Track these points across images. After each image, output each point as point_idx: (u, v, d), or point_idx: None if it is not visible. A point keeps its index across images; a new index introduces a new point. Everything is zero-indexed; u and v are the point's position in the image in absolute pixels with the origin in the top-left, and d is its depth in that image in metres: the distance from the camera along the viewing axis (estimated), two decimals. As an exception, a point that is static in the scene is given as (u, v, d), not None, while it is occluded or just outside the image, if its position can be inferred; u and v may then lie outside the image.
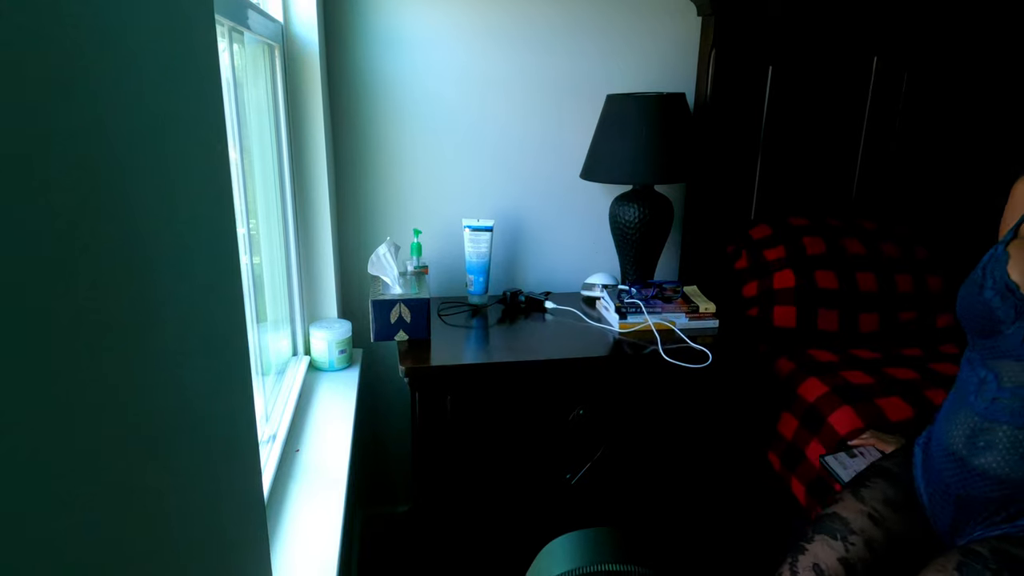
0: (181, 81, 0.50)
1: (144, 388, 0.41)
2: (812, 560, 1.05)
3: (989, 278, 0.98)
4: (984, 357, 0.98)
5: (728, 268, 1.85)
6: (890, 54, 1.82)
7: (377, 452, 1.93)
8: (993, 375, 0.96)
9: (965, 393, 1.01)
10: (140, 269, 0.41)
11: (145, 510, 0.42)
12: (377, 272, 1.51)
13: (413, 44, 1.69)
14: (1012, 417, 0.93)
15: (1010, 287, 0.94)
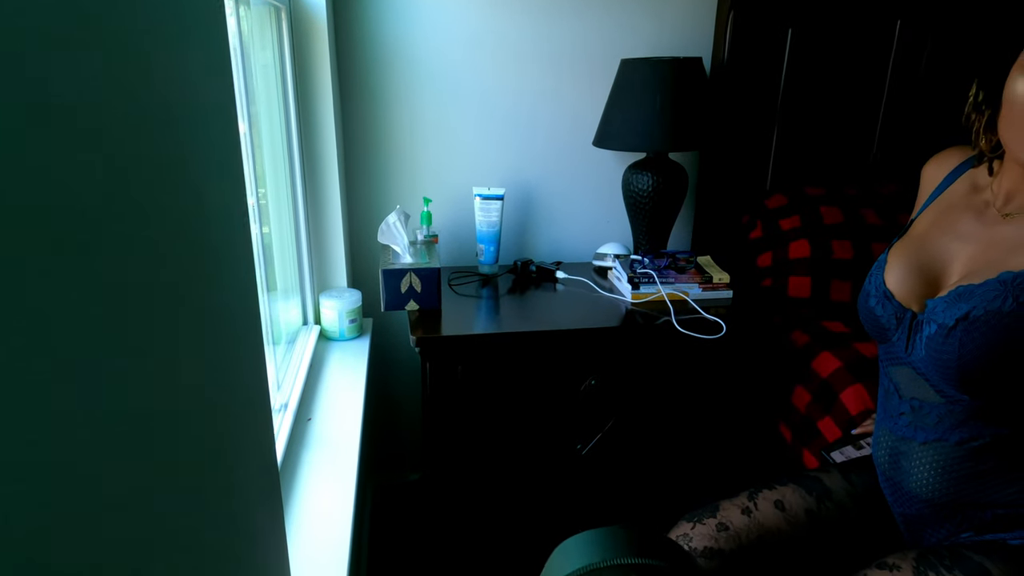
0: (188, 45, 0.48)
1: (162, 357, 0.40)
2: (777, 497, 1.01)
3: (872, 286, 0.95)
4: (885, 364, 0.96)
5: (743, 238, 1.82)
6: (914, 18, 1.76)
7: (388, 421, 1.94)
8: (894, 385, 0.93)
9: (882, 405, 0.98)
10: (151, 240, 0.40)
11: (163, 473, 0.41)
12: (387, 241, 1.50)
13: (423, 7, 1.65)
14: (917, 433, 0.89)
15: (887, 294, 0.91)
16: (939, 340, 0.84)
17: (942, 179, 0.98)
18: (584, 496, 1.58)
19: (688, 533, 1.01)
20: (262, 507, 0.66)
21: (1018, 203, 0.84)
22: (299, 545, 0.94)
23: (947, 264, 0.89)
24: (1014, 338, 0.78)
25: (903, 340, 0.91)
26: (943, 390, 0.86)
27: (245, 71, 1.10)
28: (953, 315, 0.83)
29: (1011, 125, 0.79)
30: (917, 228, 0.96)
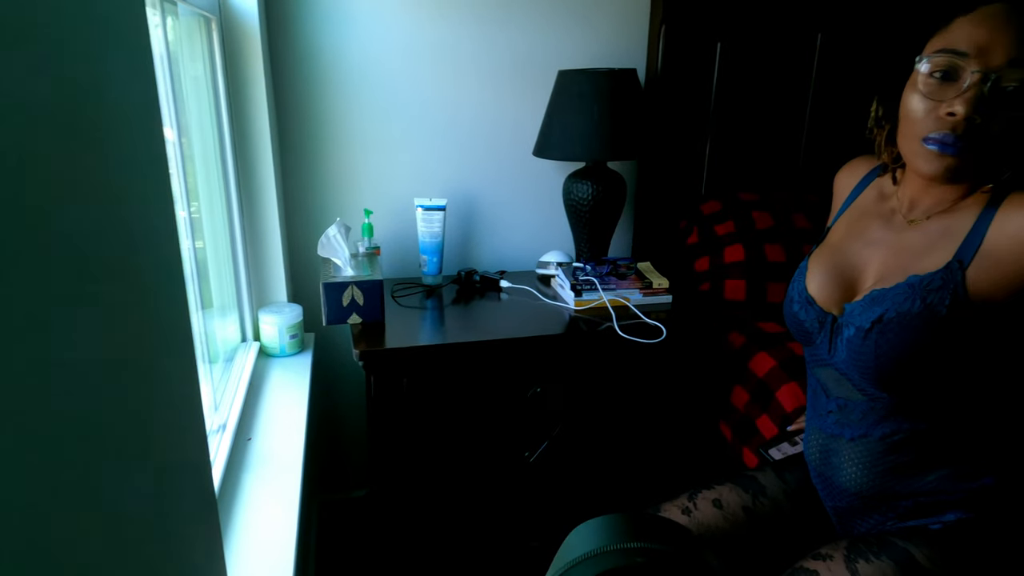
0: (107, 53, 0.46)
1: (79, 380, 0.39)
2: (715, 496, 1.04)
3: (795, 292, 0.99)
4: (811, 366, 1.00)
5: (680, 244, 1.87)
6: (833, 32, 1.85)
7: (333, 437, 1.90)
8: (821, 385, 0.98)
9: (811, 405, 1.02)
10: (70, 256, 0.38)
11: (87, 510, 0.39)
12: (327, 254, 1.47)
13: (361, 18, 1.64)
14: (844, 430, 0.94)
15: (809, 300, 0.96)
16: (857, 342, 0.88)
17: (853, 187, 1.03)
18: (534, 504, 1.59)
19: None
20: (199, 539, 0.64)
21: (921, 210, 0.89)
22: (240, 574, 0.91)
23: (862, 269, 0.93)
24: (924, 337, 0.82)
25: (826, 343, 0.95)
26: (864, 389, 0.91)
27: (173, 80, 1.07)
28: (868, 318, 0.87)
29: (908, 139, 0.84)
30: (833, 236, 1.01)
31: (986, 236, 0.80)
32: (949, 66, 0.78)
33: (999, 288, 0.79)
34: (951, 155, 0.79)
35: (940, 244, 0.84)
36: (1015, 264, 0.77)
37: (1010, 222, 0.78)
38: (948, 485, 0.89)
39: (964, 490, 0.88)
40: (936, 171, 0.81)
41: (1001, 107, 0.76)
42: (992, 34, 0.76)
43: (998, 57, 0.75)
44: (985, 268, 0.80)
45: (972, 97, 0.76)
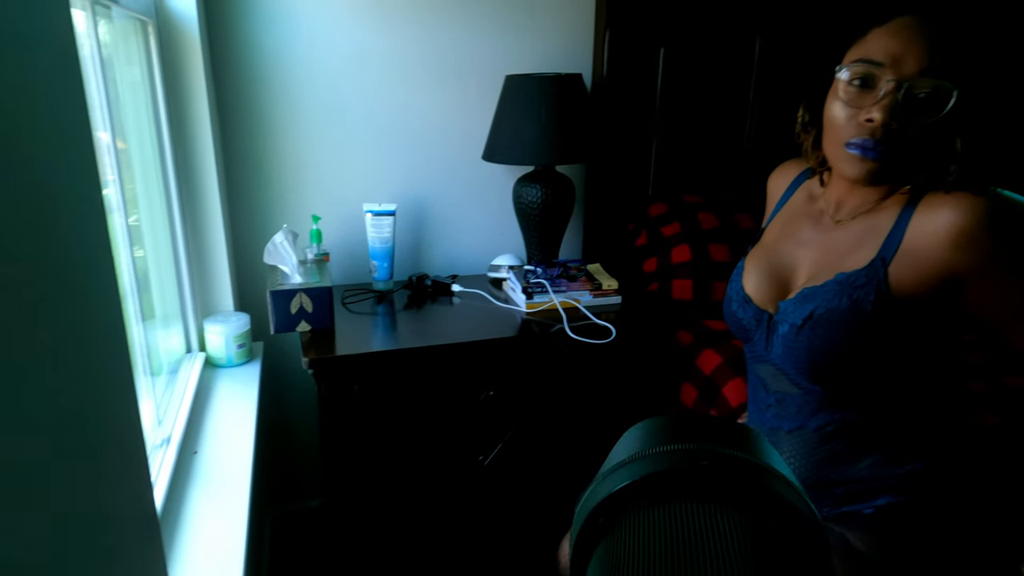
0: (31, 54, 0.45)
1: (4, 407, 0.37)
2: None
3: (733, 291, 1.03)
4: (751, 362, 1.04)
5: (629, 245, 1.90)
6: (771, 36, 1.92)
7: (285, 447, 1.87)
8: (760, 380, 1.01)
9: (752, 400, 1.06)
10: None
11: (6, 539, 0.38)
12: (274, 261, 1.45)
13: (306, 22, 1.62)
14: (783, 423, 0.98)
15: (746, 299, 0.99)
16: (791, 338, 0.92)
17: (785, 189, 1.07)
18: (489, 507, 1.59)
19: None
20: (141, 564, 0.62)
21: (846, 210, 0.93)
22: (186, 587, 0.89)
23: (794, 268, 0.97)
24: (852, 332, 0.86)
25: (763, 339, 0.98)
26: (799, 383, 0.94)
27: (107, 85, 1.04)
28: (800, 315, 0.90)
29: (832, 144, 0.88)
30: (768, 236, 1.05)
31: (905, 235, 0.84)
32: (866, 74, 0.82)
33: (919, 284, 0.83)
34: (872, 159, 0.83)
35: (864, 243, 0.88)
36: (931, 261, 0.82)
37: (926, 221, 0.82)
38: (880, 471, 0.93)
39: (895, 475, 0.92)
40: (859, 174, 0.85)
41: (914, 113, 0.80)
42: (905, 45, 0.80)
43: (910, 66, 0.79)
44: (906, 265, 0.84)
45: (888, 104, 0.80)
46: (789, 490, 0.42)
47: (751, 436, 0.48)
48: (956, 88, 0.79)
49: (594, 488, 0.46)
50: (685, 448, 0.45)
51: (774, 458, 0.46)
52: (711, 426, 0.49)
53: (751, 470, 0.43)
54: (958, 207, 0.80)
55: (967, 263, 0.80)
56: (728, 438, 0.46)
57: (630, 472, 0.44)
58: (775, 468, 0.43)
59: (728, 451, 0.44)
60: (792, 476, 0.44)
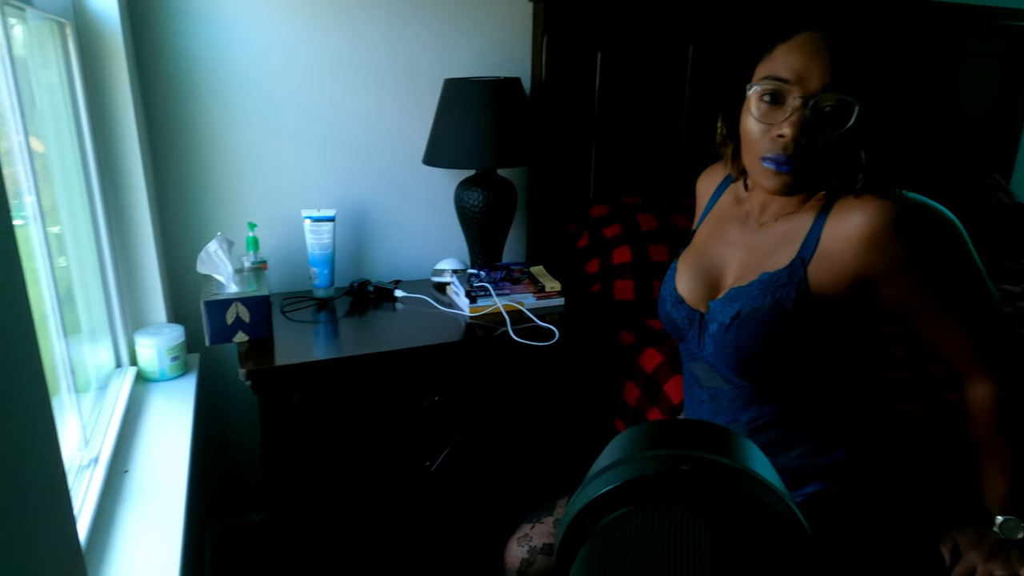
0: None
1: None
2: None
3: (667, 292, 1.05)
4: (685, 360, 1.07)
5: (571, 247, 1.92)
6: (703, 42, 1.97)
7: (226, 461, 1.82)
8: (695, 377, 1.04)
9: (687, 396, 1.09)
10: None
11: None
12: (208, 271, 1.41)
13: (239, 24, 1.58)
14: (716, 417, 1.01)
15: (679, 299, 1.02)
16: (720, 336, 0.95)
17: (713, 192, 1.10)
18: (437, 513, 1.58)
19: (528, 533, 1.05)
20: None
21: (770, 213, 0.96)
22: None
23: (723, 269, 1.00)
24: (775, 330, 0.90)
25: (695, 338, 1.01)
26: (730, 379, 0.98)
27: (18, 90, 0.99)
28: (728, 314, 0.94)
29: (749, 157, 0.92)
30: (698, 238, 1.08)
31: (821, 237, 0.88)
32: (774, 91, 0.86)
33: (835, 284, 0.87)
34: (786, 173, 0.87)
35: (785, 245, 0.92)
36: (844, 262, 0.86)
37: (838, 226, 0.86)
38: (807, 461, 0.97)
39: (821, 464, 0.96)
40: (775, 187, 0.89)
41: (822, 126, 0.84)
42: (808, 61, 0.84)
43: (815, 82, 0.83)
44: (823, 266, 0.88)
45: (797, 120, 0.84)
46: (768, 493, 0.43)
47: (734, 440, 0.49)
48: (858, 102, 0.82)
49: (580, 491, 0.47)
50: (669, 454, 0.46)
51: (756, 461, 0.47)
52: (695, 431, 0.50)
53: (731, 475, 0.44)
54: (866, 211, 0.84)
55: (876, 264, 0.84)
56: (711, 443, 0.47)
57: (614, 476, 0.45)
58: (755, 471, 0.45)
59: (710, 456, 0.45)
60: (774, 479, 0.46)
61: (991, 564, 0.93)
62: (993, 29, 2.42)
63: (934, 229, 0.84)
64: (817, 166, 0.87)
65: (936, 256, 0.85)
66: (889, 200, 0.83)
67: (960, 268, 0.87)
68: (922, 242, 0.84)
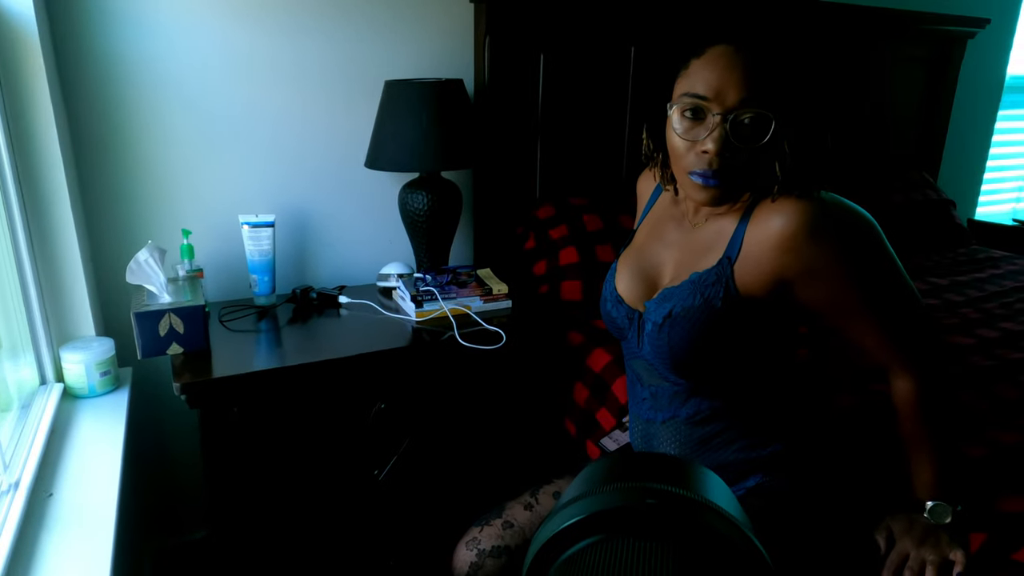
0: None
1: None
2: (556, 489, 1.10)
3: (608, 292, 1.06)
4: (627, 359, 1.09)
5: (518, 249, 1.92)
6: (644, 44, 1.99)
7: (164, 477, 1.74)
8: (636, 375, 1.06)
9: (631, 394, 1.10)
10: None
11: None
12: (139, 281, 1.35)
13: (168, 24, 1.51)
14: (657, 414, 1.03)
15: (619, 299, 1.03)
16: (655, 335, 0.96)
17: (651, 192, 1.12)
18: (388, 521, 1.55)
19: (477, 536, 1.04)
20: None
21: (702, 215, 0.98)
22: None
23: (661, 269, 1.02)
24: (705, 328, 0.91)
25: (635, 337, 1.02)
26: (667, 376, 0.99)
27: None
28: (661, 314, 0.95)
29: (677, 170, 0.93)
30: (638, 238, 1.09)
31: (744, 239, 0.90)
32: (694, 107, 0.87)
33: (758, 285, 0.89)
34: (713, 186, 0.89)
35: (715, 245, 0.94)
36: (764, 264, 0.88)
37: (759, 228, 0.89)
38: (747, 455, 0.99)
39: (760, 457, 0.99)
40: (704, 199, 0.91)
41: (743, 139, 0.86)
42: (722, 77, 0.85)
43: (732, 98, 0.85)
44: (747, 267, 0.90)
45: (718, 137, 0.85)
46: (730, 526, 0.45)
47: (696, 472, 0.51)
48: (774, 115, 0.84)
49: (546, 523, 0.48)
50: (634, 486, 0.47)
51: (717, 492, 0.49)
52: (659, 464, 0.53)
53: (694, 508, 0.46)
54: (783, 214, 0.86)
55: (794, 266, 0.87)
56: (675, 475, 0.49)
57: (580, 508, 0.46)
58: (717, 504, 0.46)
59: (674, 489, 0.46)
60: (735, 510, 0.47)
61: (923, 549, 0.96)
62: (919, 33, 2.53)
63: (849, 229, 0.87)
64: (743, 176, 0.89)
65: (852, 256, 0.87)
66: (805, 202, 0.85)
67: (877, 267, 0.89)
68: (837, 243, 0.86)
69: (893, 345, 0.94)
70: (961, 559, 0.94)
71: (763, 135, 0.85)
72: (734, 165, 0.87)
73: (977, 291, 2.10)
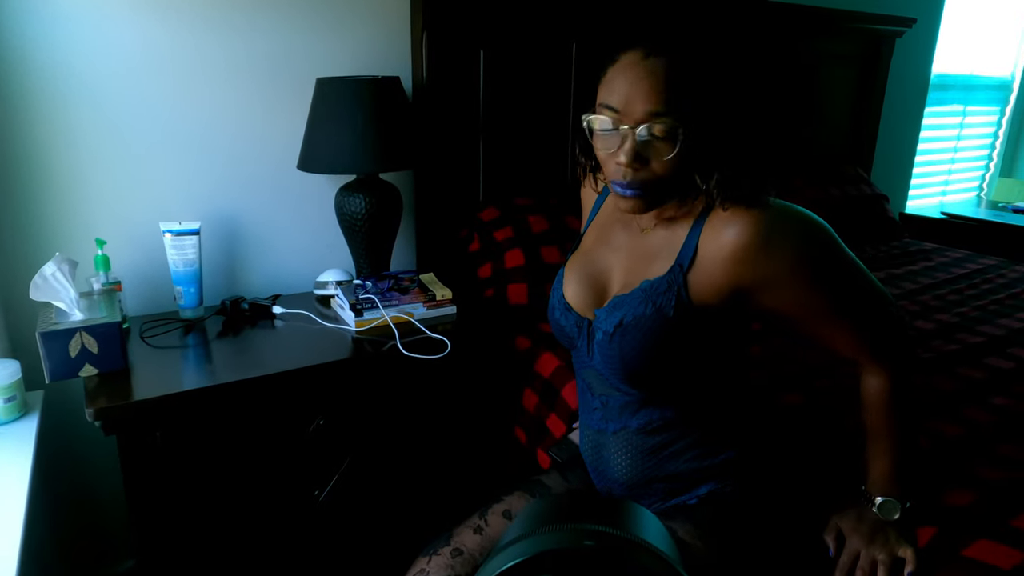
0: None
1: None
2: (505, 507, 1.05)
3: (555, 299, 1.02)
4: (578, 368, 1.05)
5: (463, 252, 1.86)
6: (586, 40, 1.96)
7: (85, 507, 1.62)
8: (587, 385, 1.03)
9: (581, 403, 1.06)
10: None
11: None
12: (46, 297, 1.23)
13: (78, 17, 1.39)
14: (608, 424, 1.00)
15: (567, 307, 0.99)
16: (606, 345, 0.92)
17: (597, 196, 1.08)
18: (329, 545, 1.47)
19: (425, 568, 0.98)
20: None
21: (648, 219, 0.94)
22: None
23: (609, 275, 0.98)
24: (657, 337, 0.88)
25: (585, 346, 0.98)
26: (619, 387, 0.95)
27: None
28: (612, 323, 0.91)
29: (606, 178, 0.89)
30: (585, 243, 1.05)
31: (697, 248, 0.87)
32: (609, 119, 0.83)
33: (712, 294, 0.87)
34: (632, 196, 0.85)
35: (665, 251, 0.91)
36: (718, 274, 0.85)
37: (712, 238, 0.85)
38: (699, 463, 0.96)
39: (712, 465, 0.96)
40: (627, 208, 0.88)
41: (656, 150, 0.82)
42: (632, 86, 0.81)
43: (639, 110, 0.81)
44: (700, 276, 0.87)
45: (630, 148, 0.82)
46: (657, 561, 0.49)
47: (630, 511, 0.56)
48: (685, 125, 0.80)
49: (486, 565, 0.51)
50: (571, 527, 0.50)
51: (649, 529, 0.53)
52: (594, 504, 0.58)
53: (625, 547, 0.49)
54: (736, 225, 0.83)
55: (750, 277, 0.84)
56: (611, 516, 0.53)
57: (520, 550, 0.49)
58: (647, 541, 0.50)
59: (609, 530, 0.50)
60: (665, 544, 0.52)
61: (872, 548, 0.96)
62: (849, 31, 2.59)
63: (802, 237, 0.85)
64: (664, 186, 0.85)
65: (809, 263, 0.85)
66: (757, 212, 0.83)
67: (837, 270, 0.88)
68: (792, 252, 0.84)
69: (865, 344, 0.93)
70: (911, 557, 0.94)
71: (674, 148, 0.81)
72: (651, 176, 0.83)
73: (912, 283, 2.16)
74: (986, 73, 3.52)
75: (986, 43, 3.45)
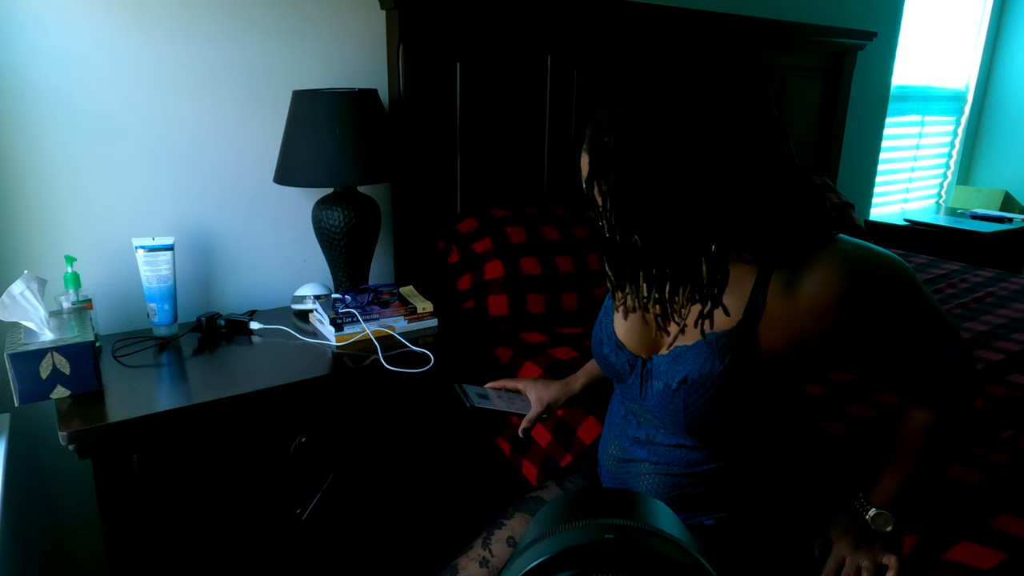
0: None
1: None
2: (508, 534, 1.04)
3: (604, 334, 0.99)
4: (623, 398, 1.02)
5: (442, 264, 1.85)
6: (561, 54, 1.98)
7: (57, 537, 1.56)
8: (633, 415, 1.00)
9: (618, 425, 1.03)
10: None
11: None
12: (15, 317, 1.19)
13: (48, 28, 1.36)
14: (649, 456, 0.97)
15: (619, 344, 0.97)
16: (667, 397, 0.90)
17: None
18: (314, 565, 1.44)
19: None
20: None
21: None
22: None
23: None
24: (727, 394, 0.86)
25: (637, 384, 0.96)
26: (676, 433, 0.94)
27: None
28: (675, 377, 0.88)
29: None
30: None
31: (767, 300, 0.84)
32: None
33: (784, 344, 0.84)
34: None
35: (729, 300, 0.85)
36: (793, 327, 0.83)
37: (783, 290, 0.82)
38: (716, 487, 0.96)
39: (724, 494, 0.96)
40: None
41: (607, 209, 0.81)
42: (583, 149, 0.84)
43: (584, 171, 0.84)
44: (771, 329, 0.84)
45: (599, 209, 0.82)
46: (676, 549, 0.49)
47: (643, 502, 0.56)
48: (607, 186, 0.78)
49: (509, 566, 0.51)
50: (589, 523, 0.51)
51: (664, 519, 0.53)
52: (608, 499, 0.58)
53: (644, 537, 0.50)
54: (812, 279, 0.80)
55: (827, 330, 0.83)
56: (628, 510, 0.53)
57: (544, 548, 0.49)
58: (663, 531, 0.51)
59: (629, 523, 0.51)
60: (682, 534, 0.52)
61: (857, 555, 0.96)
62: (813, 45, 2.66)
63: (886, 288, 0.82)
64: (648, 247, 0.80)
65: (892, 314, 0.83)
66: (831, 262, 0.80)
67: (916, 315, 0.85)
68: (876, 305, 0.82)
69: (925, 382, 0.91)
70: (895, 564, 0.95)
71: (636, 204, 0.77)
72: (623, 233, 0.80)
73: (880, 288, 2.21)
74: (942, 85, 3.65)
75: (942, 56, 3.58)
